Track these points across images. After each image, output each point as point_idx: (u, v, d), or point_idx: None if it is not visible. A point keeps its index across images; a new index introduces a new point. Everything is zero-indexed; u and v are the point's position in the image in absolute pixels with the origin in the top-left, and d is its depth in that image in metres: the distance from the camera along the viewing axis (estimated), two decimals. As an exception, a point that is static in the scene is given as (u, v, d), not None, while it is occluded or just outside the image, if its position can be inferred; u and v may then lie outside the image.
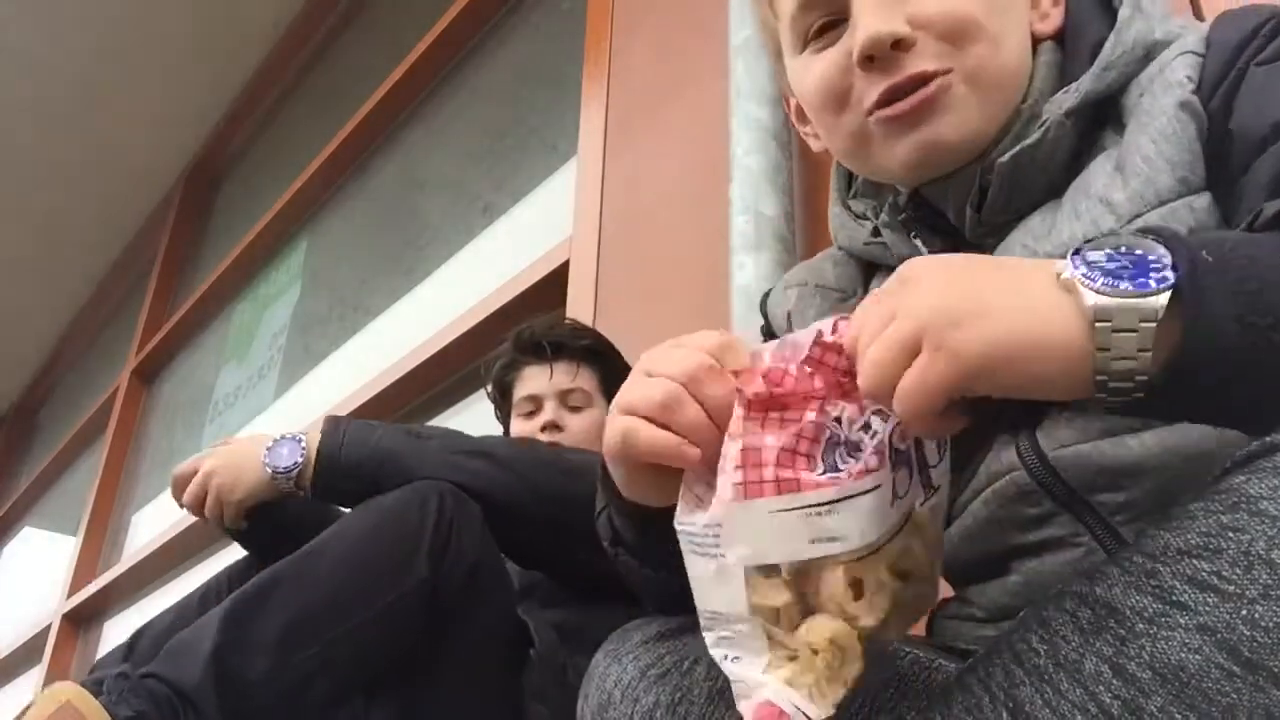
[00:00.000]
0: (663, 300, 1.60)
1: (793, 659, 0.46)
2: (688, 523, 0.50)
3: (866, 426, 0.48)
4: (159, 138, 4.27)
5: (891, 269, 0.69)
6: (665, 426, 0.52)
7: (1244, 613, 0.36)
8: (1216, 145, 0.59)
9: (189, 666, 0.96)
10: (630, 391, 0.54)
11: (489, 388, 1.44)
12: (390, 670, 1.06)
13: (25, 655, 4.18)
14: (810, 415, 0.48)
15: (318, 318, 3.05)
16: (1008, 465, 0.61)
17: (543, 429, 1.33)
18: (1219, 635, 0.37)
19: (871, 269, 0.80)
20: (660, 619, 0.60)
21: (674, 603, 0.59)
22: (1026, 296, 0.43)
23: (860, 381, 0.46)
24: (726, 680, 0.52)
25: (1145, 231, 0.45)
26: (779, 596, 0.46)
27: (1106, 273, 0.42)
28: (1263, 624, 0.36)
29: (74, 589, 3.79)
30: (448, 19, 2.70)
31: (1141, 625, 0.39)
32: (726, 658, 0.48)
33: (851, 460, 0.46)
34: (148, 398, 4.24)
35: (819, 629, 0.45)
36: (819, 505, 0.45)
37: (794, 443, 0.47)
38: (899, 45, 0.64)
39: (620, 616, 0.68)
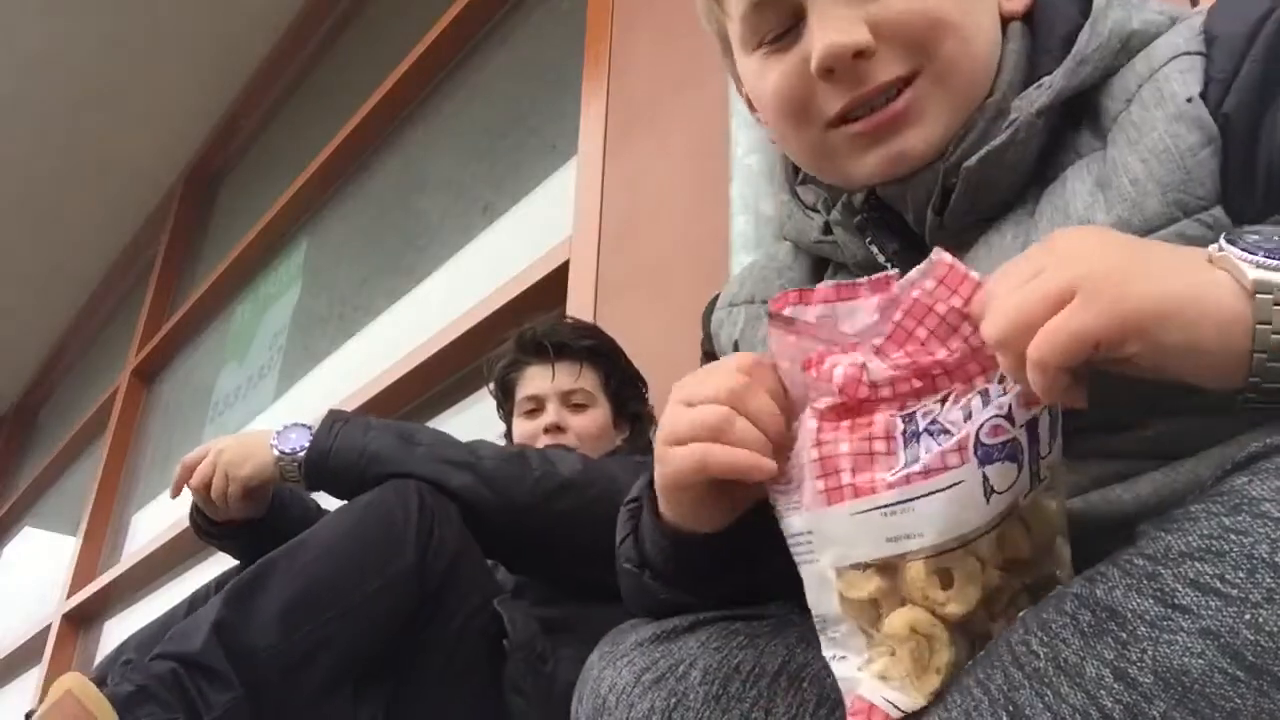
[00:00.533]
0: (663, 300, 1.60)
1: (889, 654, 0.46)
2: (784, 530, 0.52)
3: (967, 413, 0.47)
4: (159, 138, 4.26)
5: (845, 267, 0.70)
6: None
7: (1247, 617, 0.36)
8: (1240, 152, 0.53)
9: (191, 639, 0.97)
10: (676, 422, 0.54)
11: (491, 386, 1.45)
12: (375, 660, 1.07)
13: (25, 655, 4.18)
14: (879, 417, 0.48)
15: (318, 318, 3.05)
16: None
17: (546, 430, 1.33)
18: (1222, 639, 0.36)
19: (823, 266, 0.74)
20: (656, 622, 0.60)
21: (675, 614, 0.59)
22: (1184, 269, 0.42)
23: (991, 328, 0.44)
24: (724, 684, 0.52)
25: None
26: (867, 591, 0.47)
27: (1266, 251, 0.41)
28: (1267, 628, 0.36)
29: (74, 589, 3.79)
30: (448, 19, 2.70)
31: (1143, 629, 0.38)
32: (834, 658, 0.49)
33: (936, 448, 0.47)
34: (148, 398, 4.23)
35: (899, 619, 0.46)
36: (891, 505, 0.46)
37: (866, 446, 0.48)
38: (860, 55, 0.60)
39: (616, 614, 0.67)
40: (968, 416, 0.47)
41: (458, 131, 2.70)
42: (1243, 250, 0.42)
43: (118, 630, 3.61)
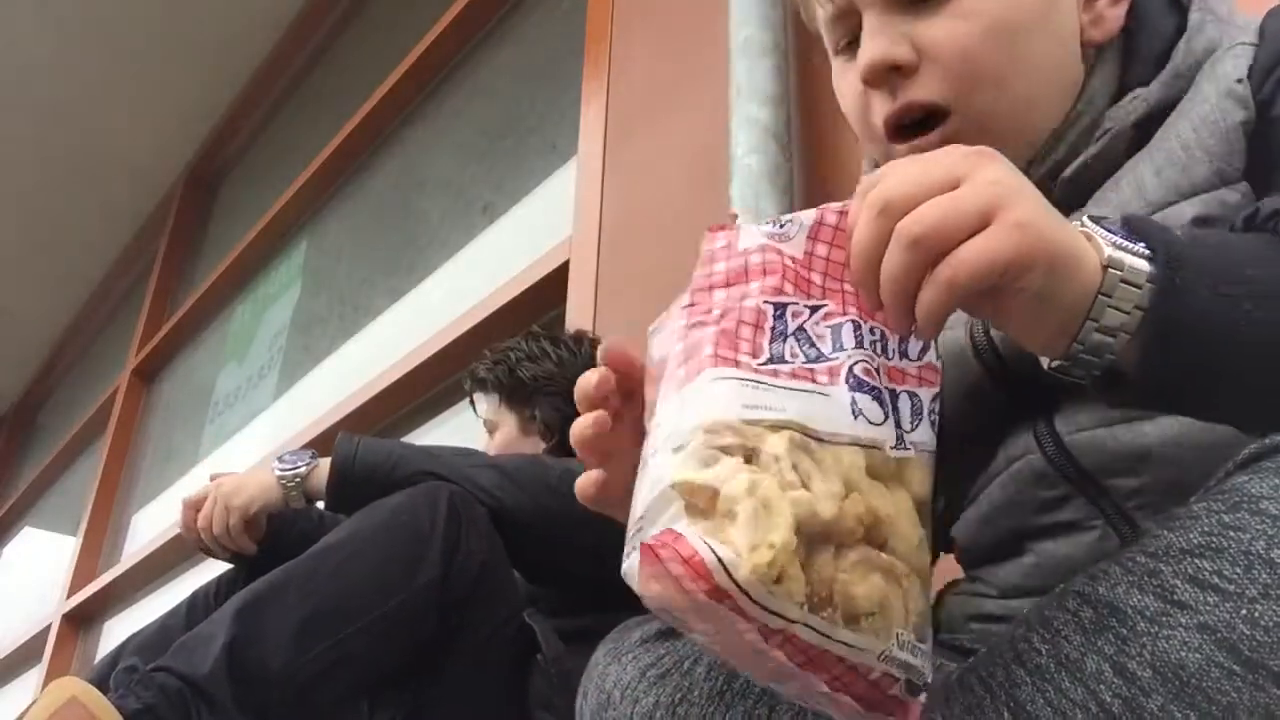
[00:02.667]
0: (663, 300, 1.59)
1: (725, 517, 0.40)
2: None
3: (838, 337, 0.46)
4: (159, 138, 4.26)
5: None
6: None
7: (1244, 612, 0.36)
8: (1261, 135, 0.58)
9: (201, 659, 0.95)
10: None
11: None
12: (397, 669, 1.06)
13: (25, 655, 4.18)
14: (751, 302, 0.46)
15: (318, 318, 3.05)
16: (1024, 449, 0.61)
17: None
18: (1219, 634, 0.37)
19: None
20: (660, 621, 0.60)
21: None
22: (1066, 224, 0.44)
23: (912, 225, 0.42)
24: (728, 680, 0.52)
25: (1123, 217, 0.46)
26: (710, 474, 0.41)
27: (1124, 235, 0.44)
28: (1262, 623, 0.36)
29: (74, 589, 3.79)
30: (447, 19, 2.70)
31: (1143, 624, 0.39)
32: (631, 539, 0.43)
33: (803, 359, 0.45)
34: (148, 398, 4.23)
35: (739, 482, 0.40)
36: (754, 380, 0.44)
37: (734, 326, 0.45)
38: (899, 70, 0.61)
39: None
40: (837, 341, 0.46)
41: (458, 131, 2.70)
42: (1105, 229, 0.44)
43: (118, 630, 3.61)
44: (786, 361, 0.45)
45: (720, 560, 0.38)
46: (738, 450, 0.42)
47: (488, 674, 1.08)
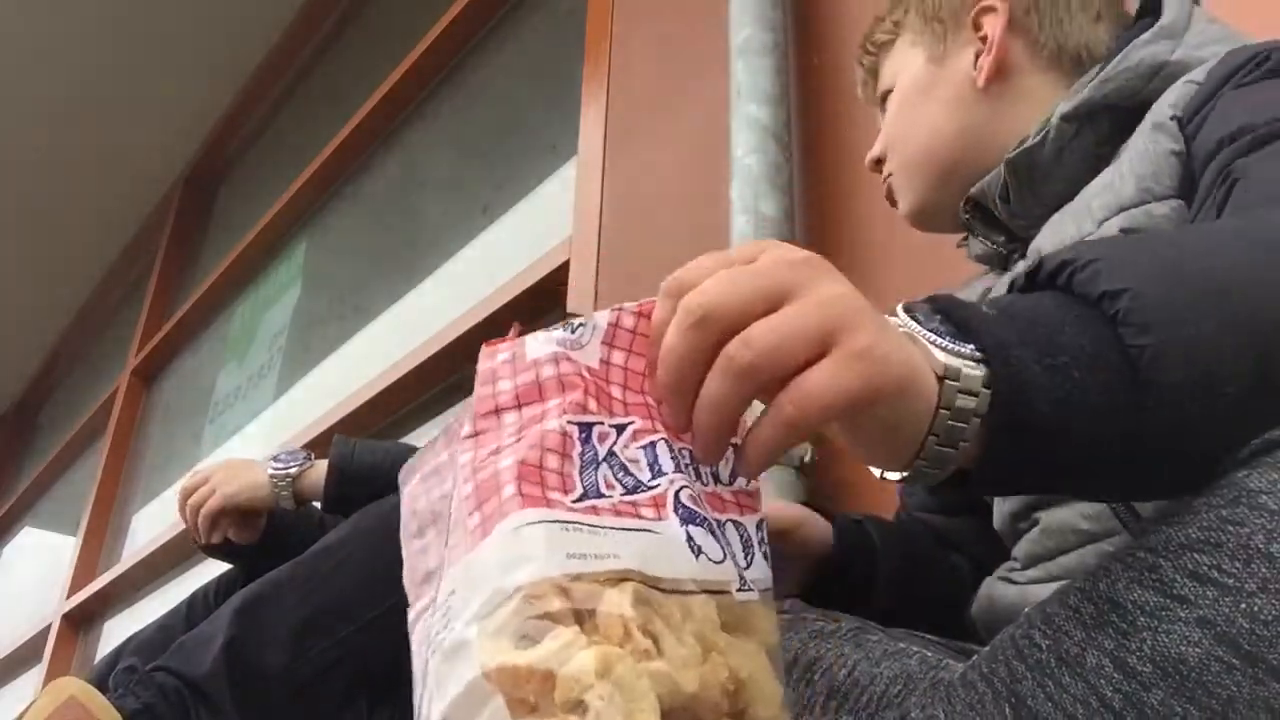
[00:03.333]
0: (663, 300, 1.60)
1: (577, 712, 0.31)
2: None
3: (653, 458, 0.38)
4: (159, 138, 4.26)
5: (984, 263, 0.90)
6: None
7: (1243, 606, 0.37)
8: (1189, 167, 0.65)
9: (200, 659, 0.95)
10: None
11: None
12: (396, 668, 1.06)
13: (25, 655, 4.18)
14: (554, 422, 0.38)
15: (318, 318, 3.05)
16: None
17: None
18: (1218, 628, 0.37)
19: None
20: None
21: None
22: (901, 337, 0.40)
23: (737, 366, 0.37)
24: None
25: (930, 300, 0.43)
26: (531, 657, 0.32)
27: (948, 334, 0.40)
28: (1261, 617, 0.36)
29: (74, 589, 3.79)
30: (447, 19, 2.71)
31: (1143, 619, 0.39)
32: None
33: (621, 491, 0.37)
34: (148, 398, 4.24)
35: (588, 657, 0.31)
36: (575, 522, 0.36)
37: (538, 456, 0.37)
38: (879, 164, 0.93)
39: None
40: (654, 464, 0.39)
41: (458, 131, 2.70)
42: (926, 330, 0.41)
43: (118, 630, 3.61)
44: (604, 495, 0.37)
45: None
46: (568, 616, 0.33)
47: None
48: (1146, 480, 0.43)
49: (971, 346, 0.39)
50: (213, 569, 1.48)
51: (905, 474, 0.41)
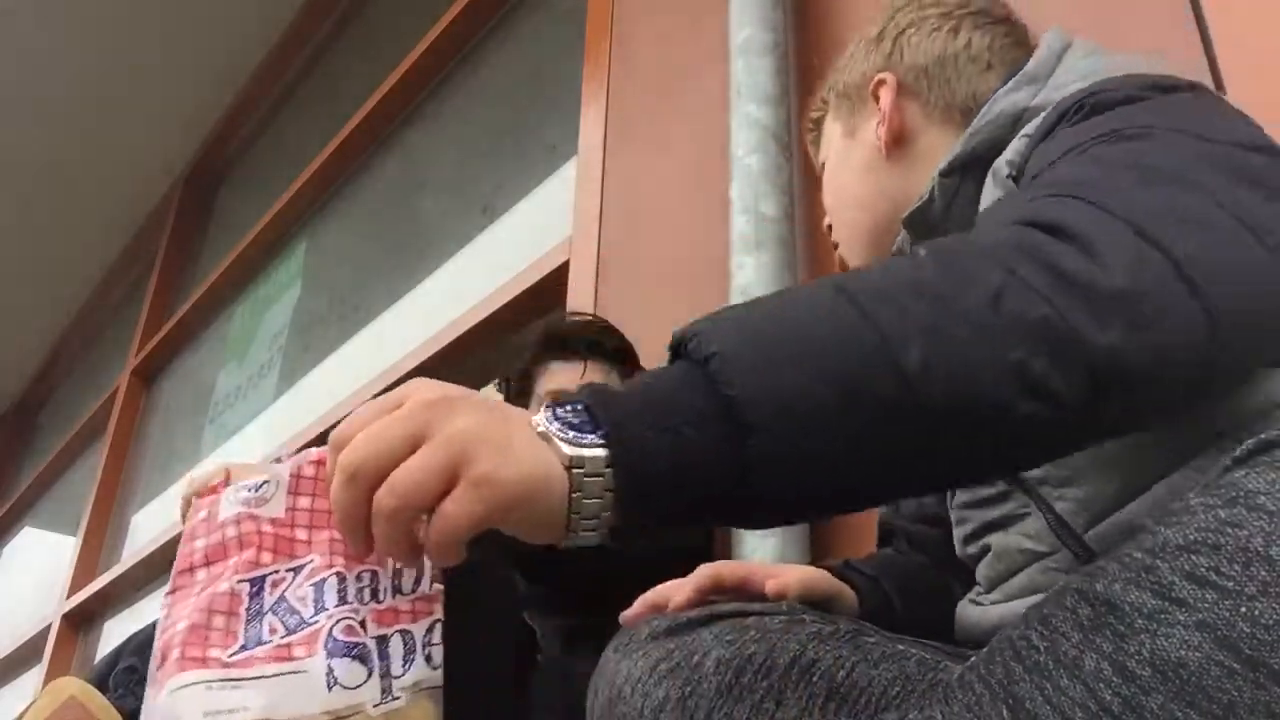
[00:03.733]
0: (663, 300, 1.60)
1: None
2: None
3: (320, 596, 0.46)
4: (159, 138, 4.27)
5: None
6: None
7: (1243, 610, 0.37)
8: None
9: None
10: None
11: (499, 383, 1.41)
12: None
13: (25, 655, 4.18)
14: (225, 584, 0.47)
15: (318, 318, 3.06)
16: None
17: None
18: (1219, 632, 0.37)
19: None
20: (670, 615, 0.61)
21: None
22: (529, 443, 0.47)
23: (384, 512, 0.46)
24: (736, 674, 0.53)
25: (581, 391, 0.49)
26: None
27: (574, 427, 0.47)
28: (1263, 621, 0.36)
29: (74, 589, 3.79)
30: (447, 19, 2.71)
31: (1141, 621, 0.39)
32: None
33: (283, 633, 0.45)
34: (148, 398, 4.24)
35: None
36: (218, 680, 0.43)
37: (205, 618, 0.45)
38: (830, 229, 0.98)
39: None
40: (319, 601, 0.47)
41: (458, 131, 2.70)
42: (556, 428, 0.47)
43: (118, 630, 3.61)
44: (264, 642, 0.45)
45: None
46: None
47: (487, 674, 1.09)
48: (785, 507, 0.50)
49: (595, 434, 0.46)
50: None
51: (567, 543, 0.48)
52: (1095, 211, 0.49)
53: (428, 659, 0.50)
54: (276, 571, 0.47)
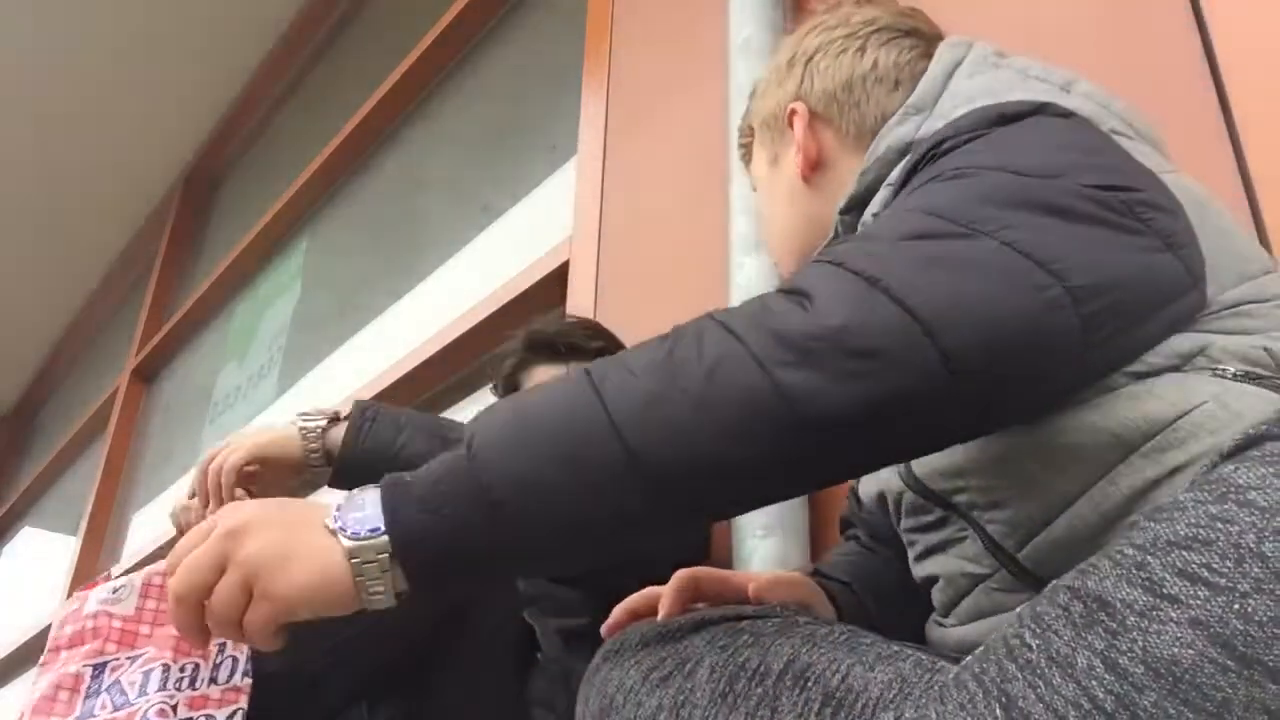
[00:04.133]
0: (663, 300, 1.60)
1: None
2: None
3: (145, 681, 0.61)
4: (159, 138, 4.26)
5: None
6: None
7: (1236, 606, 0.36)
8: None
9: None
10: None
11: (495, 384, 1.41)
12: (395, 672, 1.07)
13: (25, 655, 4.18)
14: (74, 666, 0.61)
15: (318, 318, 3.05)
16: (899, 487, 0.70)
17: None
18: (1212, 629, 0.37)
19: None
20: (660, 622, 0.60)
21: None
22: (314, 542, 0.57)
23: (210, 622, 0.58)
24: (730, 682, 0.52)
25: (386, 478, 0.59)
26: None
27: (352, 528, 0.56)
28: (1256, 618, 0.36)
29: (74, 589, 3.78)
30: (448, 19, 2.71)
31: (1133, 618, 0.39)
32: None
33: (111, 707, 0.59)
34: (148, 398, 4.23)
35: None
36: None
37: (53, 691, 0.59)
38: None
39: None
40: (144, 685, 0.60)
41: (458, 131, 2.70)
42: (344, 523, 0.56)
43: (118, 630, 3.61)
44: (94, 716, 0.58)
45: None
46: None
47: (489, 673, 1.09)
48: (549, 561, 0.61)
49: (374, 526, 0.56)
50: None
51: (364, 608, 0.57)
52: (834, 271, 0.54)
53: None
54: (117, 659, 0.60)
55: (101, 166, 4.33)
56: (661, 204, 1.70)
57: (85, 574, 3.78)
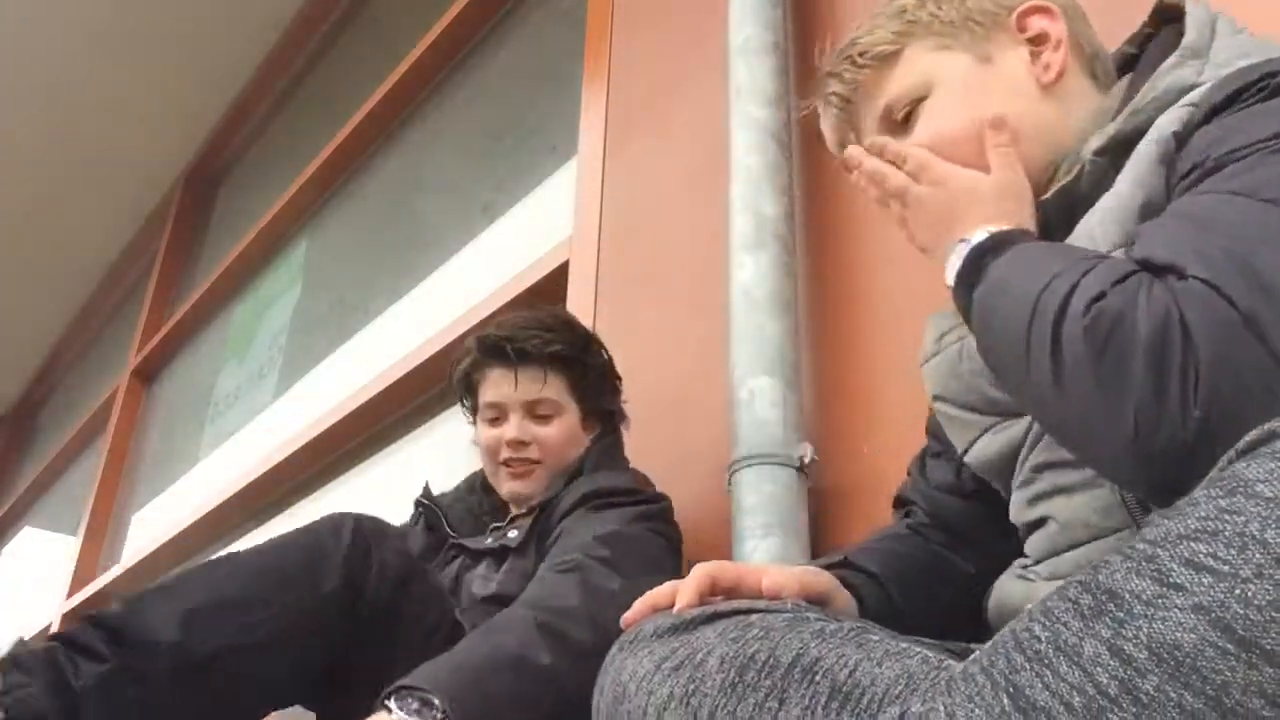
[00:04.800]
0: (663, 300, 1.61)
1: None
2: None
3: None
4: (159, 138, 4.27)
5: None
6: None
7: (1237, 591, 0.37)
8: (1171, 178, 0.66)
9: (82, 626, 1.01)
10: None
11: (455, 384, 1.40)
12: (328, 680, 1.10)
13: (25, 655, 4.18)
14: None
15: (318, 318, 3.06)
16: None
17: (508, 444, 1.30)
18: (1213, 614, 0.37)
19: None
20: (673, 614, 0.61)
21: None
22: None
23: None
24: (740, 672, 0.53)
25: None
26: None
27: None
28: (1256, 602, 0.36)
29: (74, 589, 3.79)
30: (448, 19, 2.71)
31: (1139, 607, 0.39)
32: None
33: None
34: (148, 398, 4.24)
35: None
36: None
37: None
38: None
39: None
40: None
41: (458, 131, 2.70)
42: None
43: (118, 630, 3.61)
44: None
45: None
46: None
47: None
48: None
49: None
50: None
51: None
52: (1207, 295, 0.52)
53: None
54: None
55: (102, 166, 4.33)
56: (661, 204, 1.70)
57: (85, 574, 3.79)
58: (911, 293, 1.23)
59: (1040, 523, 0.73)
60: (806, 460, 1.21)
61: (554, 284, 1.88)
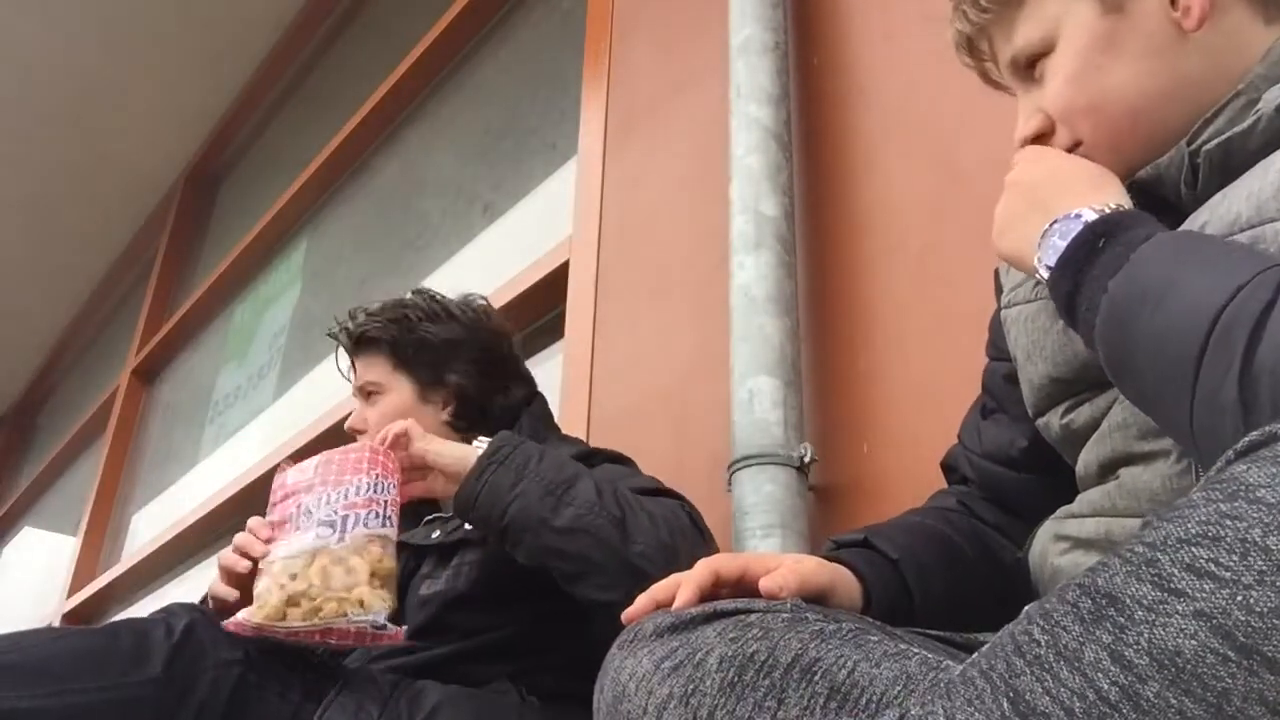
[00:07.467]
0: (663, 300, 1.61)
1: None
2: None
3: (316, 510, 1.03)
4: (159, 138, 4.27)
5: None
6: None
7: (1239, 598, 0.37)
8: None
9: None
10: None
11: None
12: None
13: (25, 655, 4.18)
14: (304, 498, 1.05)
15: (318, 318, 3.06)
16: None
17: (354, 434, 1.33)
18: (1214, 620, 0.37)
19: None
20: (673, 613, 0.61)
21: None
22: None
23: None
24: (739, 672, 0.53)
25: None
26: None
27: None
28: (1257, 609, 0.36)
29: (74, 589, 3.79)
30: (448, 19, 2.71)
31: (1140, 613, 0.39)
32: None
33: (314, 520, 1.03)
34: (148, 398, 4.24)
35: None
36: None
37: (296, 514, 1.05)
38: (1040, 138, 0.77)
39: None
40: (313, 513, 1.03)
41: (458, 131, 2.70)
42: None
43: (118, 630, 3.61)
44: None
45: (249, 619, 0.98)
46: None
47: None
48: None
49: None
50: (212, 569, 1.47)
51: None
52: None
53: (375, 517, 1.04)
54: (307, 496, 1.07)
55: (102, 166, 4.34)
56: (661, 204, 1.70)
57: (85, 574, 3.79)
58: (912, 292, 1.23)
59: (1103, 479, 0.71)
60: (806, 460, 1.21)
61: (554, 284, 1.88)
